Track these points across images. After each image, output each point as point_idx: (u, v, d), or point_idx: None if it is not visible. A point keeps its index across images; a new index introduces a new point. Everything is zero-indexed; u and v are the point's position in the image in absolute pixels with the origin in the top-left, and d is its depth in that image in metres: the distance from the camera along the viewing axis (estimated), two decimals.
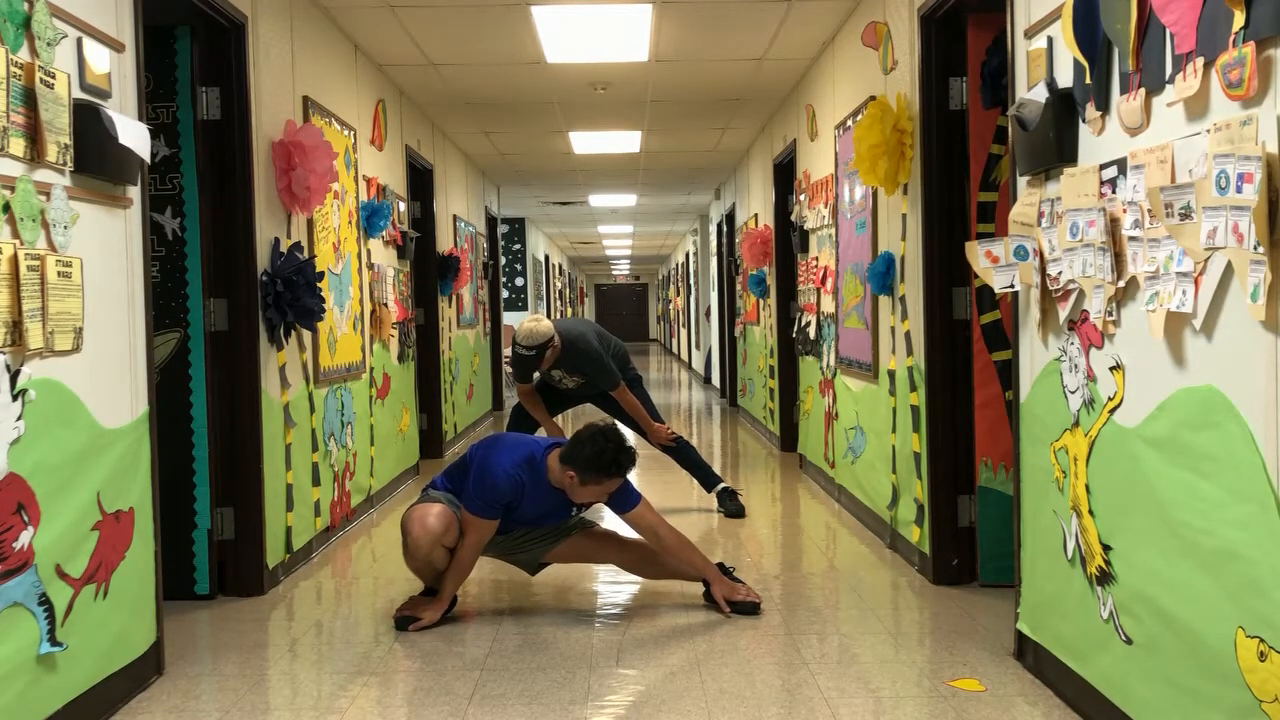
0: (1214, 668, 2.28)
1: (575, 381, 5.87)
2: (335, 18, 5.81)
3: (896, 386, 4.92)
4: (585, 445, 3.85)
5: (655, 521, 4.10)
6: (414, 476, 7.55)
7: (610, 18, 5.96)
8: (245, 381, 4.43)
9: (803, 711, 3.11)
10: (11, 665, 2.64)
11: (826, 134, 6.51)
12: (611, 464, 3.86)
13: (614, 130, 9.42)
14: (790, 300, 8.23)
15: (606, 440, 3.86)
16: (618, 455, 3.86)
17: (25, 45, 2.73)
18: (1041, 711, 3.07)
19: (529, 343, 5.47)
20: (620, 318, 40.27)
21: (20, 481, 2.67)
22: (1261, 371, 2.10)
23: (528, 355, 5.48)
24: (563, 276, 25.80)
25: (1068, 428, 3.05)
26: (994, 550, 4.24)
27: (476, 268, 10.91)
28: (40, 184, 2.77)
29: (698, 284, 17.95)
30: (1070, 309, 3.00)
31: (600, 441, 3.86)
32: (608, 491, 3.96)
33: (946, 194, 4.39)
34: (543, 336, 5.47)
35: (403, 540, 4.01)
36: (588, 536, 4.27)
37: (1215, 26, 2.21)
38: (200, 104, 4.33)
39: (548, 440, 4.08)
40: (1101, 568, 2.85)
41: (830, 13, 5.87)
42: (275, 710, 3.22)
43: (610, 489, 3.95)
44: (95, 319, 3.07)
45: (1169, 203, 2.32)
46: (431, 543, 3.91)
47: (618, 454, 3.86)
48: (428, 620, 3.95)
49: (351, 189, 5.97)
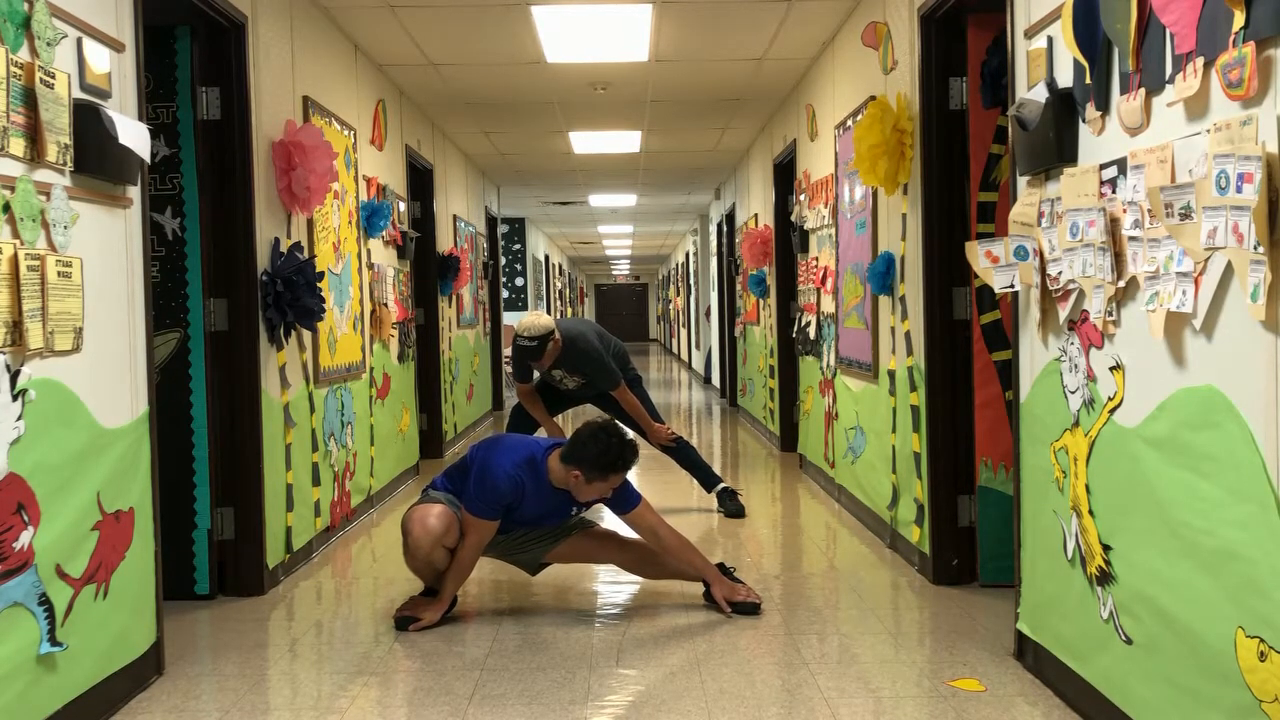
0: (1214, 668, 2.28)
1: (575, 381, 5.87)
2: (335, 18, 5.81)
3: (896, 386, 4.92)
4: (589, 443, 3.86)
5: (655, 522, 4.11)
6: (414, 476, 7.55)
7: (610, 18, 5.96)
8: (245, 381, 4.43)
9: (803, 711, 3.11)
10: (11, 665, 2.64)
11: (826, 134, 6.51)
12: (617, 460, 3.86)
13: (614, 130, 9.42)
14: (790, 300, 8.23)
15: (610, 436, 3.87)
16: (622, 451, 3.87)
17: (25, 45, 2.73)
18: (1041, 711, 3.07)
19: (530, 333, 5.47)
20: (620, 318, 40.26)
21: (20, 481, 2.67)
22: (1261, 371, 2.10)
23: (529, 345, 5.47)
24: (563, 276, 25.80)
25: (1068, 428, 3.05)
26: (994, 550, 4.24)
27: (476, 268, 10.91)
28: (40, 184, 2.77)
29: (698, 284, 17.95)
30: (1070, 309, 3.00)
31: (604, 438, 3.86)
32: (613, 487, 3.96)
33: (946, 194, 4.39)
34: (544, 329, 5.48)
35: (403, 541, 4.01)
36: (588, 536, 4.27)
37: (1215, 26, 2.21)
38: (200, 104, 4.33)
39: (548, 441, 4.08)
40: (1101, 568, 2.85)
41: (830, 13, 5.87)
42: (275, 710, 3.22)
43: (616, 484, 3.96)
44: (95, 319, 3.07)
45: (1169, 203, 2.32)
46: (432, 543, 3.91)
47: (622, 449, 3.87)
48: (428, 620, 3.95)
49: (351, 189, 5.97)
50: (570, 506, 4.09)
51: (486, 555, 4.18)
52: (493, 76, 7.30)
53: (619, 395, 5.85)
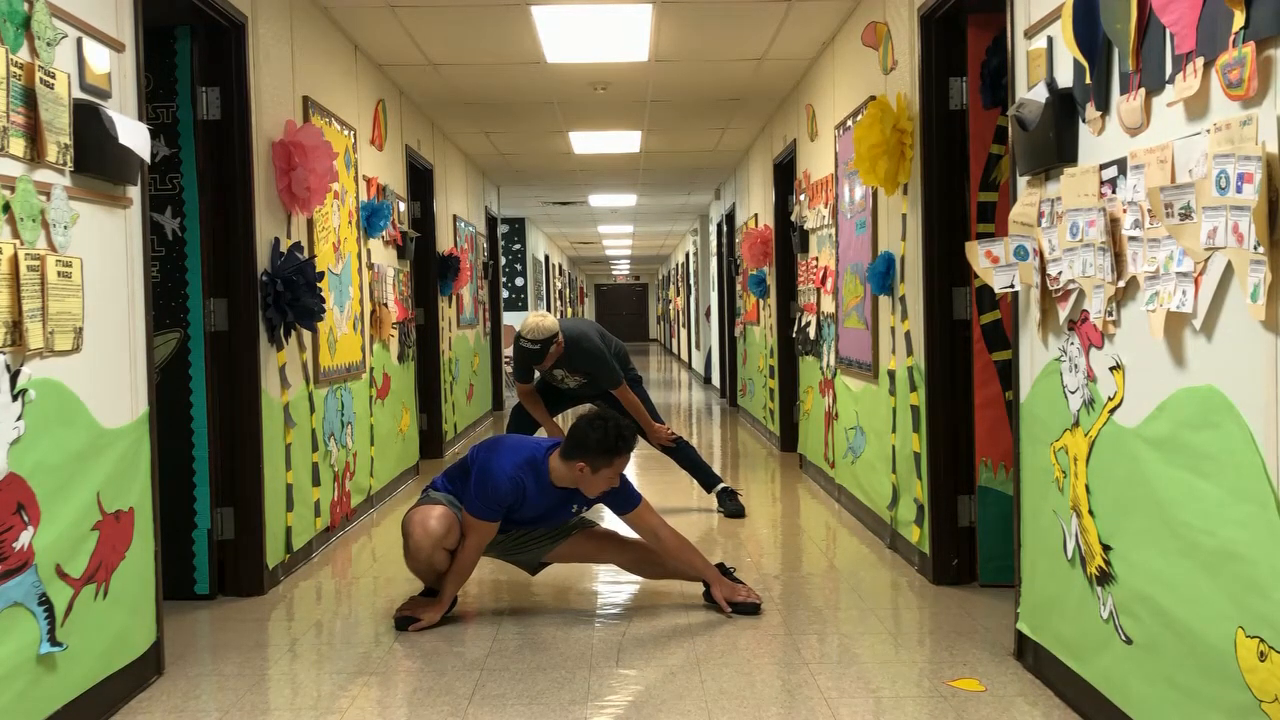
0: (1214, 668, 2.28)
1: (577, 380, 5.87)
2: (335, 18, 5.81)
3: (896, 386, 4.92)
4: (589, 433, 3.87)
5: (655, 523, 4.11)
6: (414, 476, 7.55)
7: (610, 18, 5.96)
8: (245, 381, 4.43)
9: (803, 711, 3.11)
10: (11, 665, 2.64)
11: (826, 134, 6.51)
12: (618, 440, 3.88)
13: (614, 130, 9.42)
14: (790, 300, 8.23)
15: (605, 422, 3.90)
16: (620, 430, 3.89)
17: (25, 45, 2.73)
18: (1041, 711, 3.07)
19: (534, 336, 5.48)
20: (620, 318, 40.26)
21: (20, 481, 2.67)
22: (1261, 371, 2.10)
23: (531, 349, 5.48)
24: (563, 276, 25.80)
25: (1068, 428, 3.05)
26: (994, 550, 4.24)
27: (476, 268, 10.91)
28: (40, 184, 2.77)
29: (698, 284, 17.95)
30: (1070, 309, 3.00)
31: (600, 425, 3.88)
32: (619, 472, 3.96)
33: (946, 194, 4.39)
34: (547, 332, 5.48)
35: (404, 542, 4.01)
36: (588, 536, 4.27)
37: (1215, 26, 2.21)
38: (200, 104, 4.33)
39: (548, 441, 4.08)
40: (1101, 568, 2.85)
41: (830, 13, 5.87)
42: (275, 710, 3.22)
43: (622, 467, 3.97)
44: (95, 319, 3.07)
45: (1169, 203, 2.32)
46: (433, 545, 3.91)
47: (619, 429, 3.89)
48: (428, 621, 3.95)
49: (351, 189, 5.97)
50: (570, 506, 4.09)
51: (487, 555, 4.18)
52: (493, 76, 7.30)
53: (620, 394, 5.85)
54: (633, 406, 5.87)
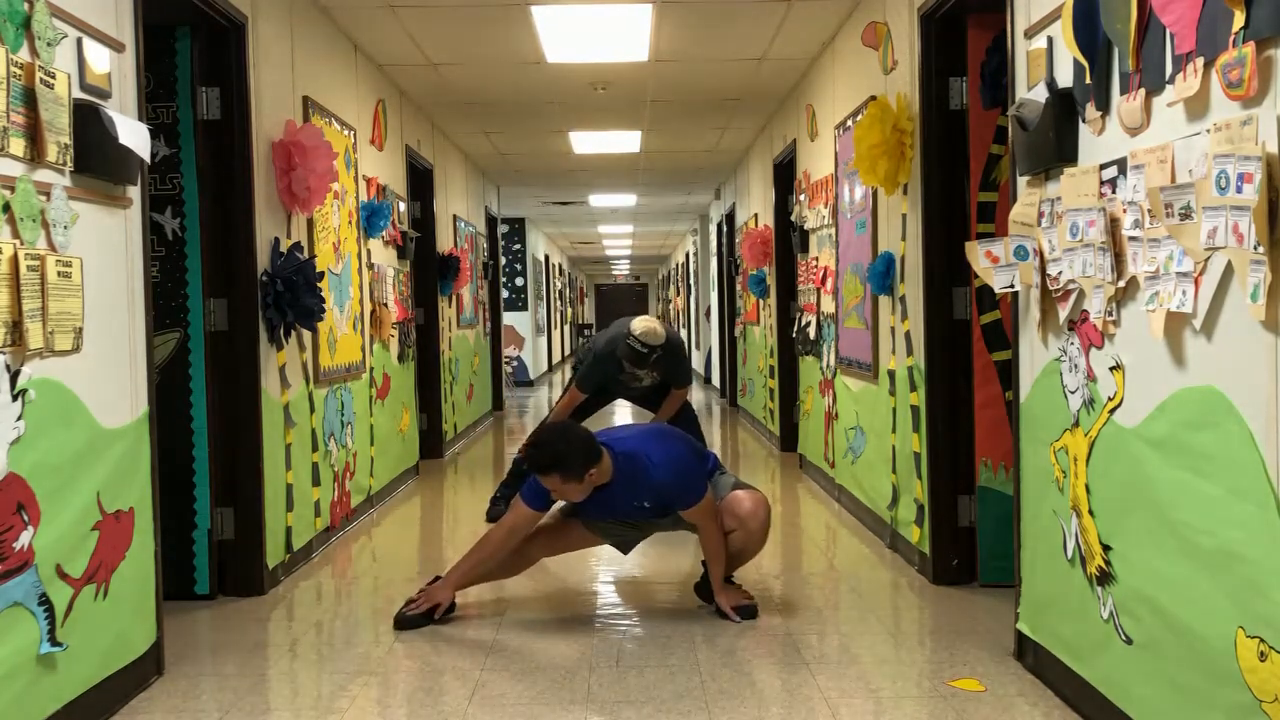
0: (1214, 668, 2.28)
1: (652, 378, 5.75)
2: (335, 18, 5.81)
3: (896, 386, 4.92)
4: (564, 449, 3.76)
5: (704, 521, 3.99)
6: (414, 477, 7.55)
7: (610, 18, 5.96)
8: (245, 381, 4.43)
9: (803, 711, 3.11)
10: (11, 665, 2.64)
11: (826, 134, 6.51)
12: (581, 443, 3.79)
13: (614, 130, 9.42)
14: (790, 300, 8.23)
15: (556, 434, 3.84)
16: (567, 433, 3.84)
17: (25, 45, 2.73)
18: (1041, 711, 3.07)
19: (652, 341, 5.38)
20: (620, 318, 40.20)
21: (20, 481, 2.67)
22: (1261, 371, 2.10)
23: (642, 352, 5.37)
24: (563, 276, 25.80)
25: (1068, 428, 3.05)
26: (994, 550, 4.24)
27: (476, 268, 10.91)
28: (40, 184, 2.77)
29: (698, 284, 17.95)
30: (1070, 309, 3.00)
31: (558, 435, 3.81)
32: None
33: (946, 194, 4.39)
34: (660, 339, 5.42)
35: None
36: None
37: (1215, 26, 2.21)
38: (200, 104, 4.33)
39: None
40: (1101, 568, 2.85)
41: (830, 13, 5.87)
42: (275, 710, 3.22)
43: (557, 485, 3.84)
44: (95, 319, 3.07)
45: (1169, 203, 2.32)
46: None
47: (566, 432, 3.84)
48: (439, 599, 3.96)
49: (351, 189, 5.97)
50: (631, 502, 3.98)
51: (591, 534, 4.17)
52: (492, 76, 7.29)
53: (681, 394, 5.79)
54: (676, 403, 5.82)
